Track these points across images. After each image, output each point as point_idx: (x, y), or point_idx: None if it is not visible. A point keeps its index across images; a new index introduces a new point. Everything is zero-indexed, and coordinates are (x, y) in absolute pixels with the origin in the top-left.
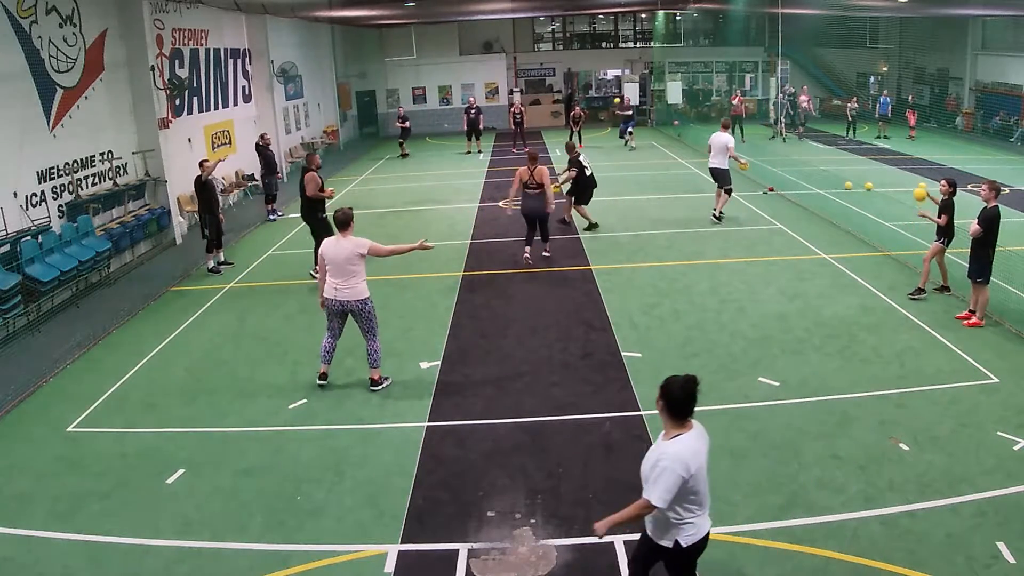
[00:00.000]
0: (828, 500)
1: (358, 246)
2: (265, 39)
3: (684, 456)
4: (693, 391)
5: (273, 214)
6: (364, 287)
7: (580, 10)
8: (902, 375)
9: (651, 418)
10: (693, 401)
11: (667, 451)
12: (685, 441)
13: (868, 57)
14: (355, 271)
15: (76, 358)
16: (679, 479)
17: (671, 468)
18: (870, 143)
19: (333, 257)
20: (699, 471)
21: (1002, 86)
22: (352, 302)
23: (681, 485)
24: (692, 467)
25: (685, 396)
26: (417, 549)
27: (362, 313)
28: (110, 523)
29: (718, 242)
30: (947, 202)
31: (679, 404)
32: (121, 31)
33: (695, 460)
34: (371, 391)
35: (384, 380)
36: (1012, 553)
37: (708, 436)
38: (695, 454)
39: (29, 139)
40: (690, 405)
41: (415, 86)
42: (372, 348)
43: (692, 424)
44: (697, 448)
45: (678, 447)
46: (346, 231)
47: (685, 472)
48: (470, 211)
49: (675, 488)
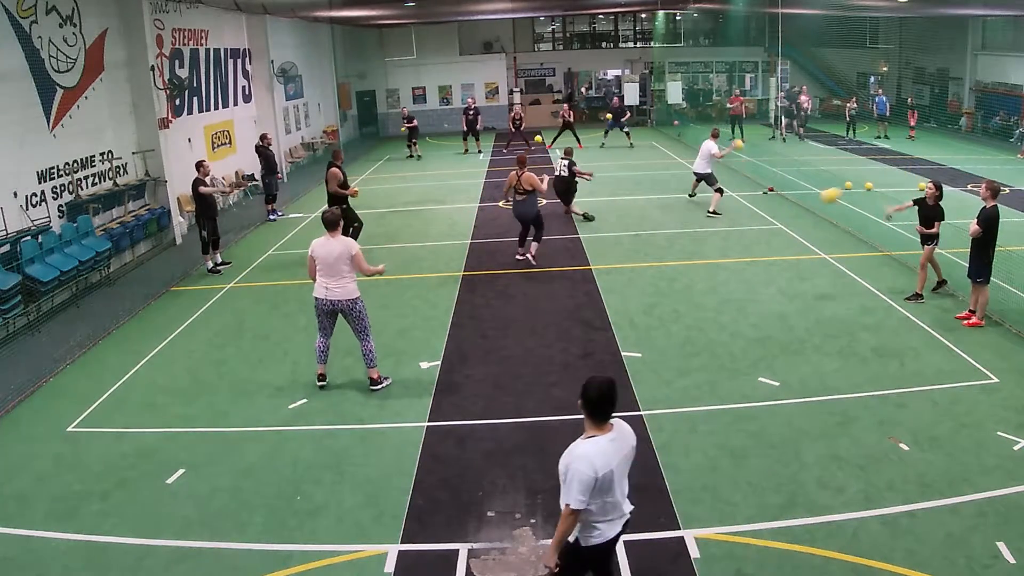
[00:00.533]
0: (828, 500)
1: (349, 247)
2: (265, 39)
3: (590, 455)
4: (608, 393)
5: (273, 214)
6: (354, 287)
7: (580, 10)
8: (902, 375)
9: (651, 418)
10: (609, 403)
11: (575, 451)
12: (597, 442)
13: (868, 57)
14: (345, 271)
15: (76, 358)
16: (589, 479)
17: (578, 469)
18: (870, 143)
19: (324, 256)
20: (609, 474)
21: (1002, 86)
22: (343, 301)
23: (592, 485)
24: (599, 467)
25: (599, 397)
26: (417, 549)
27: (352, 312)
28: (110, 523)
29: (718, 242)
30: (935, 207)
31: (593, 405)
32: (121, 31)
33: (602, 460)
34: (372, 391)
35: (384, 379)
36: (1012, 553)
37: (632, 441)
38: (603, 455)
39: (29, 139)
40: (605, 407)
41: (415, 86)
42: (367, 348)
43: (611, 427)
44: (607, 450)
45: (586, 447)
46: (335, 232)
47: (592, 471)
48: (470, 211)
49: (587, 488)
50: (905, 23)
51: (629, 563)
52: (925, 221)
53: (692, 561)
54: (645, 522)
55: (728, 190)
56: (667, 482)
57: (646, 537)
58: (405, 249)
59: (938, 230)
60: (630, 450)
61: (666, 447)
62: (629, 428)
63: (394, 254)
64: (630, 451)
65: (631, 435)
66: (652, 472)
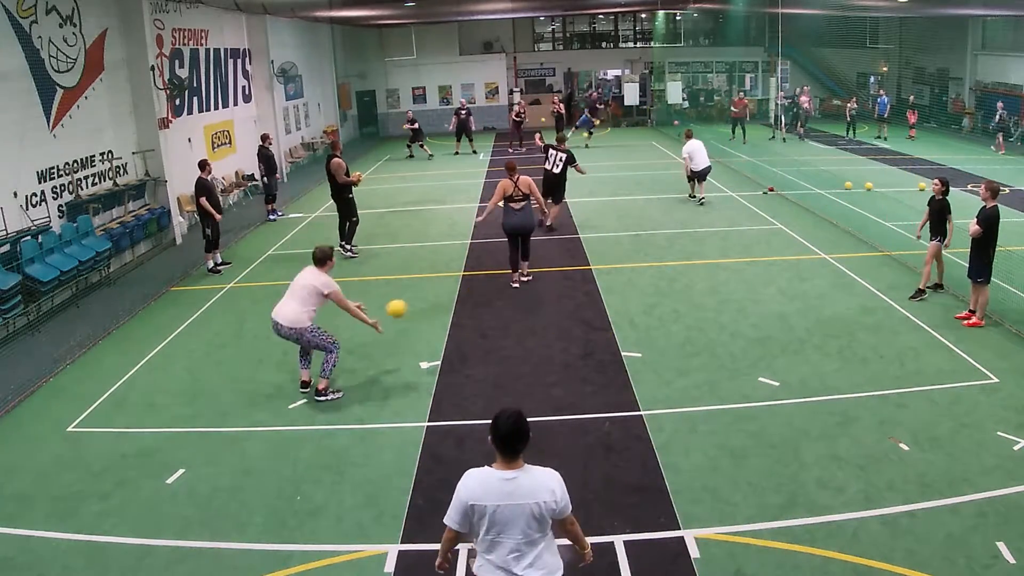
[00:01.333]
0: (828, 500)
1: (324, 285)
2: (265, 39)
3: (471, 480)
4: (517, 428)
5: (273, 214)
6: (304, 317)
7: (580, 10)
8: (902, 375)
9: (651, 418)
10: (516, 438)
11: (466, 474)
12: (487, 472)
13: (868, 57)
14: (304, 299)
15: (76, 358)
16: (460, 502)
17: (456, 493)
18: (870, 143)
19: (296, 280)
20: (485, 509)
21: (1002, 86)
22: (284, 327)
23: (465, 512)
24: (475, 497)
25: (508, 432)
26: (417, 549)
27: (301, 340)
28: (110, 523)
29: (718, 242)
30: (942, 202)
31: (500, 439)
32: (121, 31)
33: (481, 491)
34: (316, 400)
35: (331, 393)
36: (1012, 553)
37: (541, 498)
38: (484, 487)
39: (29, 139)
40: (513, 442)
41: (415, 86)
42: (327, 359)
43: (519, 467)
44: (493, 487)
45: (474, 472)
46: (323, 268)
47: (465, 497)
48: (470, 211)
49: (457, 511)
50: (905, 23)
51: (629, 563)
52: (938, 216)
53: (692, 561)
54: (645, 522)
55: (728, 190)
56: (667, 482)
57: (646, 537)
58: (405, 249)
59: (951, 225)
60: (533, 505)
61: (666, 447)
62: (548, 483)
63: (394, 254)
64: (532, 507)
65: (543, 490)
66: (652, 472)
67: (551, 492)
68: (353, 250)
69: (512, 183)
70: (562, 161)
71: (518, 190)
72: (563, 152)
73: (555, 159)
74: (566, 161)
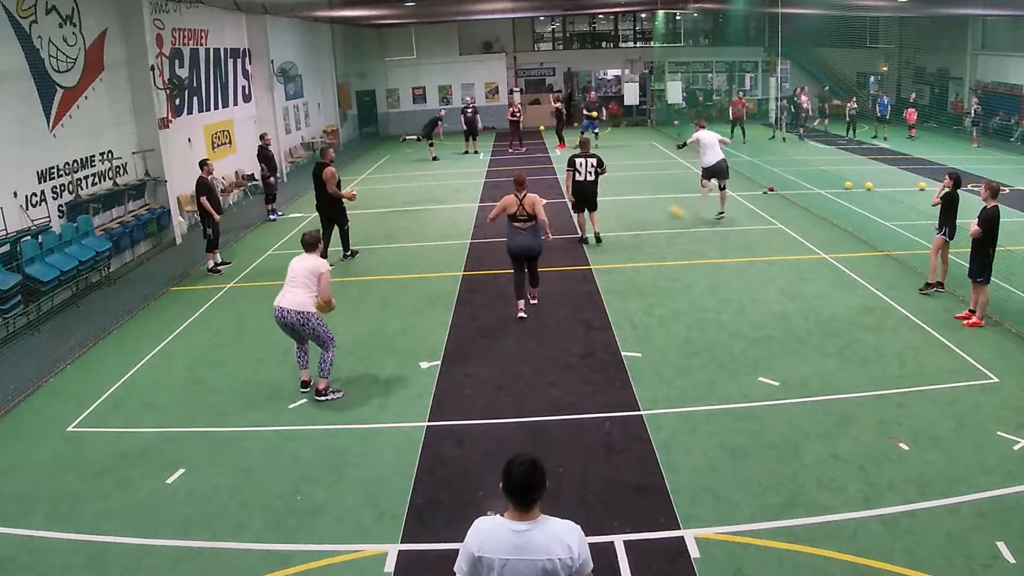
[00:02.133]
0: (828, 500)
1: (317, 266)
2: (265, 39)
3: (481, 529)
4: (530, 477)
5: (273, 214)
6: (308, 300)
7: (580, 10)
8: (902, 375)
9: (651, 418)
10: (530, 489)
11: (476, 522)
12: (498, 523)
13: (868, 57)
14: (302, 282)
15: (76, 358)
16: (468, 554)
17: (465, 541)
18: (870, 143)
19: (293, 267)
20: (493, 563)
21: (1002, 86)
22: (291, 312)
23: (472, 563)
24: (482, 549)
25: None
26: (417, 549)
27: (306, 327)
28: (110, 523)
29: (718, 242)
30: (950, 195)
31: (512, 488)
32: (121, 31)
33: (490, 544)
34: (317, 400)
35: (332, 392)
36: (1012, 553)
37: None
38: (494, 539)
39: (29, 139)
40: (527, 492)
41: (415, 86)
42: (324, 358)
43: (534, 518)
44: (504, 539)
45: (484, 521)
46: (314, 252)
47: (473, 547)
48: (470, 211)
49: (466, 560)
50: (905, 23)
51: (629, 563)
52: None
53: (692, 561)
54: (645, 522)
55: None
56: (667, 482)
57: (646, 537)
58: (405, 249)
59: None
60: (546, 562)
61: (666, 447)
62: (564, 537)
63: (394, 254)
64: (545, 563)
65: (558, 546)
66: (652, 472)
67: (567, 548)
68: (352, 253)
69: (516, 200)
70: (594, 167)
71: (522, 209)
72: (592, 158)
73: (587, 168)
74: (597, 166)
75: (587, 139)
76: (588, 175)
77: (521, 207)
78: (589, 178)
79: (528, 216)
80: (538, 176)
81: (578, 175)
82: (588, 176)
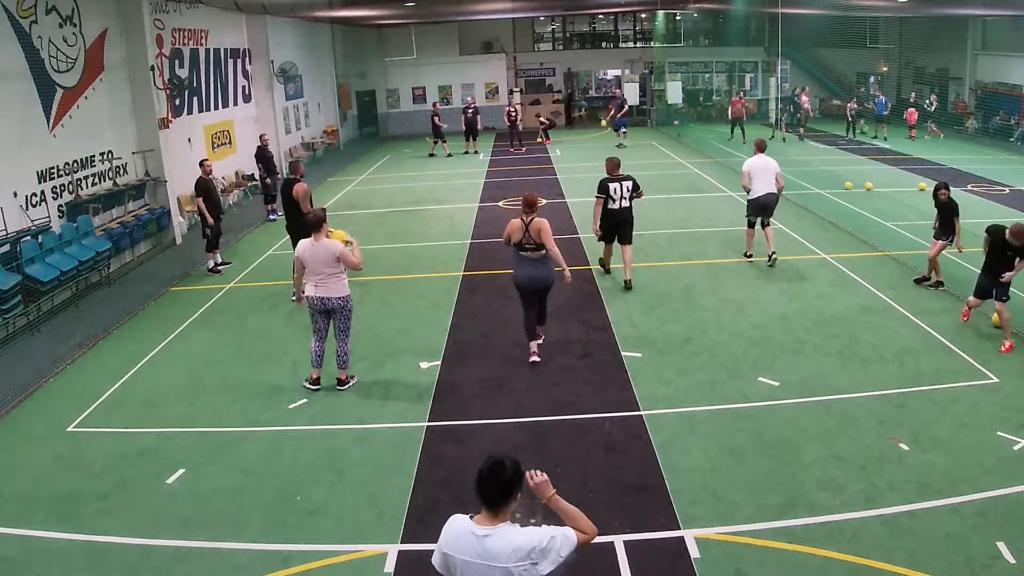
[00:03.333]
0: (828, 500)
1: (332, 250)
2: (265, 39)
3: (448, 529)
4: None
5: (273, 214)
6: (344, 285)
7: (580, 10)
8: (902, 375)
9: (651, 418)
10: (488, 489)
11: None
12: (465, 522)
13: (868, 57)
14: (331, 271)
15: (76, 358)
16: (438, 548)
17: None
18: (870, 143)
19: (310, 259)
20: (456, 564)
21: (1002, 86)
22: (333, 299)
23: (442, 556)
24: (446, 547)
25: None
26: (417, 549)
27: (343, 311)
28: (110, 523)
29: (718, 242)
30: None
31: (477, 487)
32: (121, 31)
33: (454, 543)
34: (338, 390)
35: (351, 379)
36: (1012, 553)
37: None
38: (457, 539)
39: (29, 139)
40: (486, 494)
41: (415, 86)
42: (343, 350)
43: (497, 521)
44: (465, 541)
45: (455, 520)
46: (318, 235)
47: (442, 544)
48: (470, 211)
49: (438, 553)
50: (905, 23)
51: (629, 563)
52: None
53: (692, 561)
54: (645, 522)
55: (728, 190)
56: (667, 482)
57: (646, 537)
58: (405, 249)
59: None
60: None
61: (666, 447)
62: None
63: (394, 254)
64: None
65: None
66: (652, 472)
67: (524, 556)
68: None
69: (522, 225)
70: (630, 190)
71: (528, 236)
72: (626, 180)
73: (621, 192)
74: (633, 189)
75: (617, 159)
76: (623, 200)
77: (527, 234)
78: (624, 204)
79: (536, 244)
80: (539, 176)
81: (611, 203)
82: (623, 202)
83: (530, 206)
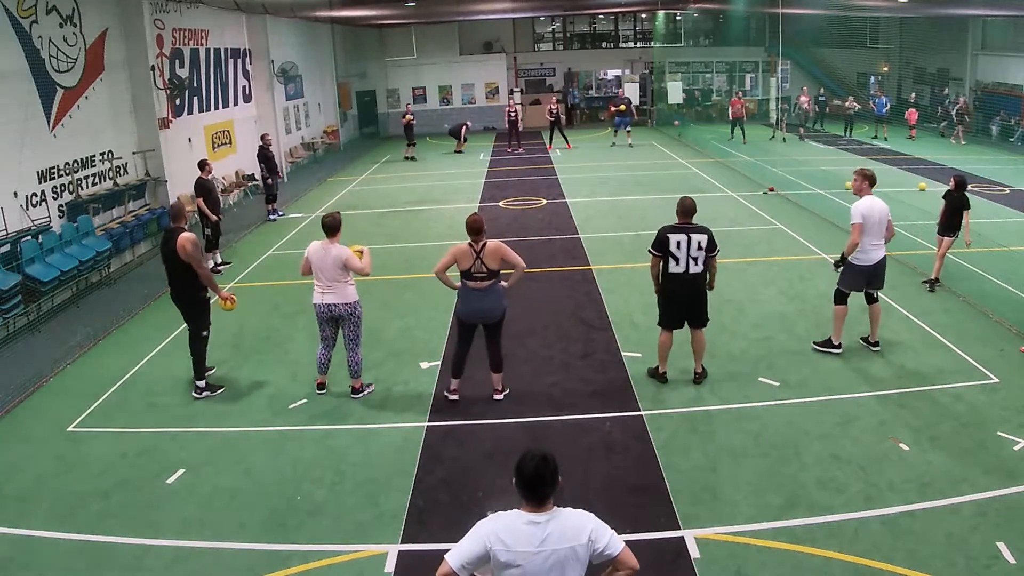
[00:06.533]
0: (828, 500)
1: (340, 254)
2: (265, 39)
3: (496, 528)
4: (541, 471)
5: (273, 214)
6: (352, 291)
7: (580, 10)
8: (902, 375)
9: (651, 418)
10: (540, 482)
11: (491, 515)
12: (514, 516)
13: (868, 57)
14: (339, 276)
15: (76, 358)
16: (478, 546)
17: (475, 533)
18: (870, 143)
19: (317, 263)
20: (511, 561)
21: (1002, 86)
22: (339, 306)
23: (478, 557)
24: (499, 545)
25: (532, 475)
26: (417, 549)
27: (351, 318)
28: (110, 523)
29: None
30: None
31: (524, 483)
32: (121, 31)
33: (510, 539)
34: (353, 398)
35: (366, 387)
36: (1012, 553)
37: (577, 542)
38: (511, 534)
39: (29, 139)
40: (538, 487)
41: (415, 86)
42: (354, 359)
43: (548, 510)
44: (520, 531)
45: (499, 517)
46: (334, 238)
47: (483, 542)
48: (470, 211)
49: (469, 555)
50: (905, 23)
51: None
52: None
53: (692, 561)
54: (645, 522)
55: (728, 190)
56: (667, 482)
57: (646, 537)
58: (405, 249)
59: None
60: (567, 551)
61: (666, 447)
62: (579, 525)
63: (394, 254)
64: (566, 552)
65: (577, 535)
66: (652, 472)
67: (587, 533)
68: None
69: (472, 253)
70: (702, 249)
71: (480, 265)
72: (699, 233)
73: (689, 250)
74: (708, 248)
75: (691, 200)
76: (691, 263)
77: (479, 261)
78: (693, 268)
79: (487, 273)
80: (539, 177)
81: (674, 264)
82: (692, 266)
83: (477, 232)
